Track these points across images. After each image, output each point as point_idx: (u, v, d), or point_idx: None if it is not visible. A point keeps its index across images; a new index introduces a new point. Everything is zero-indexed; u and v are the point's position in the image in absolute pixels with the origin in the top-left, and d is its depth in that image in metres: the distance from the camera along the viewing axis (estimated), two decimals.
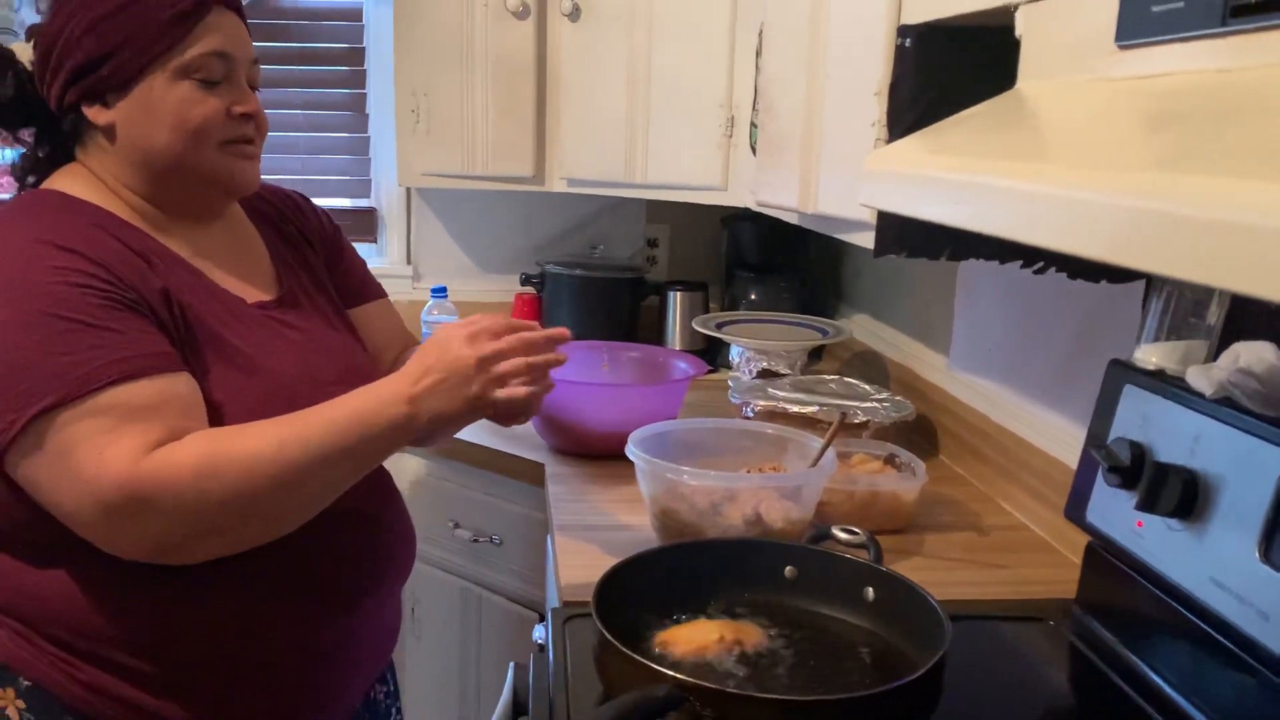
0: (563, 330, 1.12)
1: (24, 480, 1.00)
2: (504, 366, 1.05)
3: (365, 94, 2.65)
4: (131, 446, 0.97)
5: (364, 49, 2.63)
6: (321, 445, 1.02)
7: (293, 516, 1.06)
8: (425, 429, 1.05)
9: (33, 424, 0.96)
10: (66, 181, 1.14)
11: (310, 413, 1.04)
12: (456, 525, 2.01)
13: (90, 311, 1.00)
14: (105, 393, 0.98)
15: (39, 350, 0.98)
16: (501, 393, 1.06)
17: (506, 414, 1.09)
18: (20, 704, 1.08)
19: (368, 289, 1.41)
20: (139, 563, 1.02)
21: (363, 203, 2.72)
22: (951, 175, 0.79)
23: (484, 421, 2.05)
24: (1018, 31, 0.94)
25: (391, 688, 1.41)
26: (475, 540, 1.98)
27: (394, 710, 1.41)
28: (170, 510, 0.97)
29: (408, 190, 2.67)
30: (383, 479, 1.29)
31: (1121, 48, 0.77)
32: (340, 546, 1.17)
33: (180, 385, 1.04)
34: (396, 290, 2.19)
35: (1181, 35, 0.71)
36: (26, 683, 1.09)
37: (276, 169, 2.60)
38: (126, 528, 0.98)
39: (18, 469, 0.99)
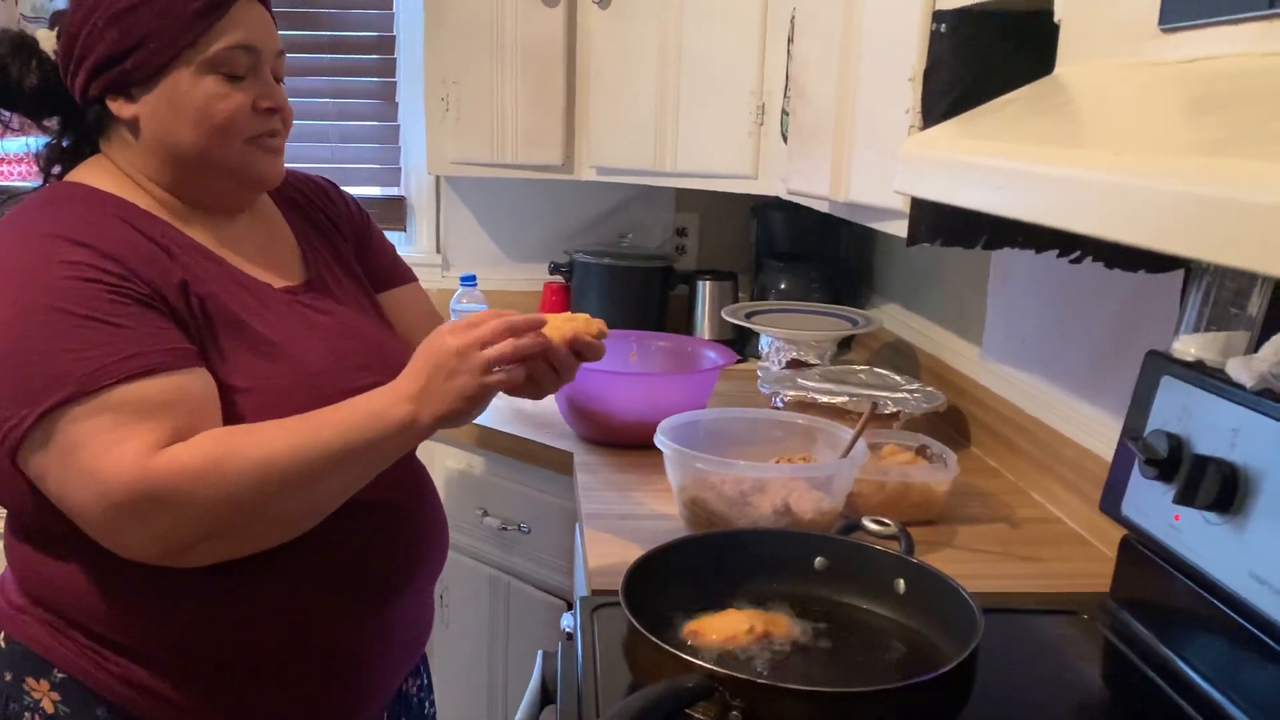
0: (539, 316, 1.08)
1: (35, 476, 1.00)
2: (488, 353, 1.03)
3: (395, 82, 2.66)
4: (140, 445, 0.96)
5: (394, 37, 2.63)
6: (332, 447, 1.01)
7: (302, 520, 1.05)
8: (431, 428, 1.04)
9: (43, 420, 0.96)
10: (90, 173, 1.13)
11: (321, 414, 1.03)
12: (485, 513, 2.01)
13: (101, 307, 0.99)
14: (115, 389, 0.97)
15: (50, 346, 0.97)
16: (491, 379, 1.03)
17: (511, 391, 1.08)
18: (55, 696, 1.09)
19: (397, 274, 1.40)
20: None
21: (392, 191, 2.72)
22: (989, 160, 0.77)
23: (513, 410, 2.05)
24: (1057, 16, 0.93)
25: (425, 681, 1.41)
26: (504, 528, 1.98)
27: (427, 703, 1.41)
28: (178, 510, 0.97)
29: (437, 179, 2.67)
30: (416, 472, 1.28)
31: (1165, 30, 0.76)
32: (374, 541, 1.17)
33: (192, 382, 1.03)
34: (426, 278, 2.18)
35: (1227, 17, 0.70)
36: (60, 674, 1.09)
37: (306, 157, 2.61)
38: (133, 527, 0.97)
39: (29, 465, 0.99)
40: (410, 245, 2.73)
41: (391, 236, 2.65)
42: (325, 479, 1.03)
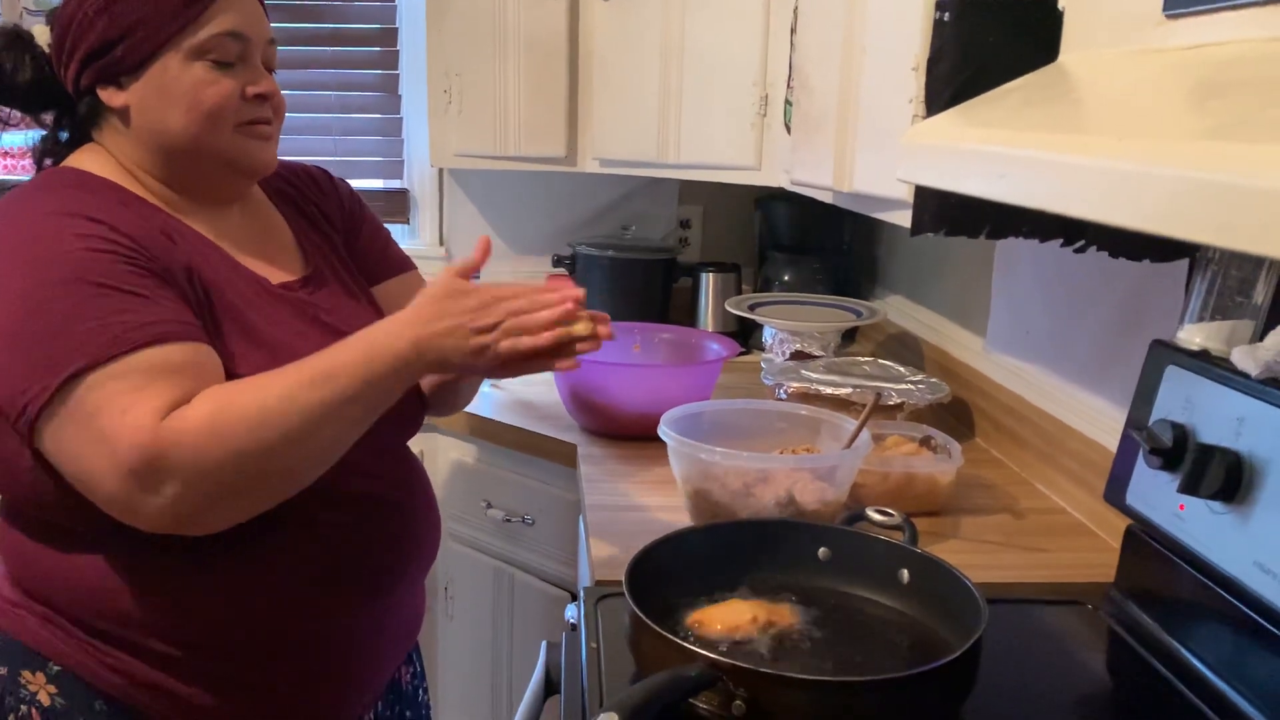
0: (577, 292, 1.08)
1: (53, 450, 0.98)
2: (509, 343, 1.04)
3: (398, 74, 2.65)
4: (154, 407, 0.95)
5: (396, 29, 2.63)
6: (327, 391, 1.00)
7: (307, 469, 1.03)
8: (422, 371, 1.05)
9: (63, 389, 0.95)
10: (86, 160, 1.13)
11: (314, 360, 1.02)
12: (489, 505, 2.02)
13: (118, 277, 0.99)
14: (133, 355, 0.97)
15: (69, 316, 0.97)
16: (505, 344, 1.04)
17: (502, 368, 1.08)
18: (51, 689, 1.09)
19: (390, 263, 1.38)
20: (167, 548, 1.02)
21: (395, 184, 2.72)
22: (993, 148, 0.77)
23: (516, 401, 2.05)
24: (1061, 3, 0.93)
25: (418, 669, 1.41)
26: (507, 520, 1.99)
27: (420, 691, 1.42)
28: (187, 472, 0.95)
29: (440, 171, 2.66)
30: (410, 465, 1.28)
31: (1169, 17, 0.76)
32: (368, 533, 1.17)
33: (205, 355, 1.03)
34: (429, 272, 2.18)
35: (1231, 4, 0.69)
36: (56, 668, 1.09)
37: (308, 150, 2.61)
38: (147, 495, 0.96)
39: (45, 436, 0.98)
40: (413, 238, 2.73)
41: (394, 229, 2.65)
42: (324, 423, 1.01)
